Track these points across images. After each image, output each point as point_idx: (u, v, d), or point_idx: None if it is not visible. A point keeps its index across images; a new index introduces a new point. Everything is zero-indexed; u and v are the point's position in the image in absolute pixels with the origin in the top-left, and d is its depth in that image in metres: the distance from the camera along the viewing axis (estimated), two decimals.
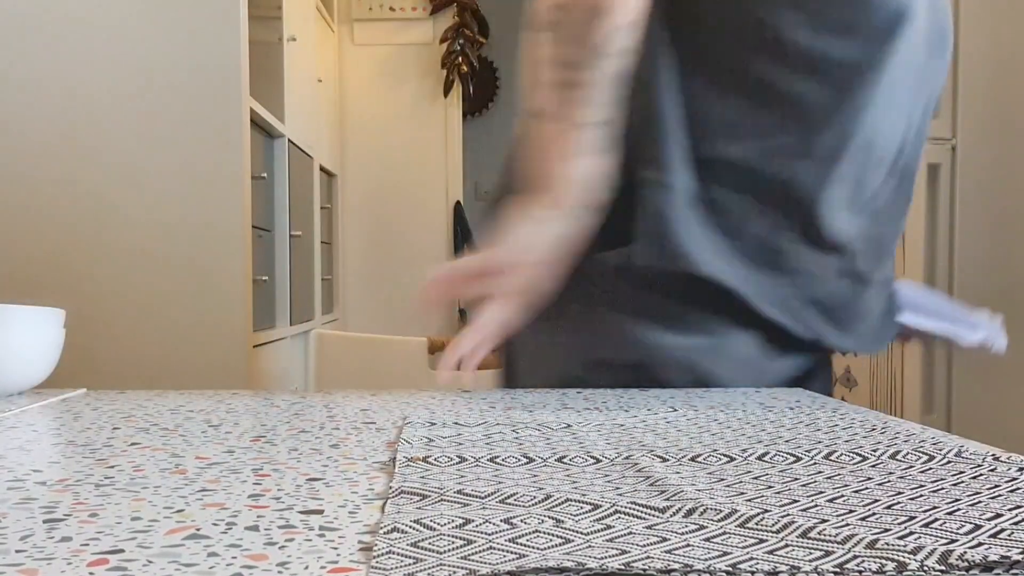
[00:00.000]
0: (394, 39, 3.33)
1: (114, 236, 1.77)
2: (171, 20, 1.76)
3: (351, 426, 0.81)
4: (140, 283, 1.77)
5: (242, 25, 1.78)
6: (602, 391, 1.05)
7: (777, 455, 0.65)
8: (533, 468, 0.61)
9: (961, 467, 0.61)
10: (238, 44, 1.77)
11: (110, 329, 1.77)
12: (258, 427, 0.81)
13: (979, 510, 0.50)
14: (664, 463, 0.63)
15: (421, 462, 0.63)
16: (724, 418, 0.83)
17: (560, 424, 0.79)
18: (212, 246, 1.77)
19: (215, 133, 1.77)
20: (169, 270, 1.77)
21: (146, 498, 0.54)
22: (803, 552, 0.42)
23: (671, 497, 0.52)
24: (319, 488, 0.57)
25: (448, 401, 0.97)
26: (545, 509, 0.50)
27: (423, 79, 3.28)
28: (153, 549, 0.44)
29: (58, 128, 1.77)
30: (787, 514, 0.49)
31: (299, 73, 2.47)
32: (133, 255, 1.77)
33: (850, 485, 0.56)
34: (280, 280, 2.24)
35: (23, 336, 1.02)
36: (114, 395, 1.03)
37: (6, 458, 0.67)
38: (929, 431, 0.76)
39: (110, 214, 1.77)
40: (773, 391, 1.04)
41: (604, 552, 0.42)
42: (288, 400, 0.99)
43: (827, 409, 0.89)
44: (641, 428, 0.78)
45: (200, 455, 0.68)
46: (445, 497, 0.52)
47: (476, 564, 0.40)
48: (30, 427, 0.81)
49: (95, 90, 1.76)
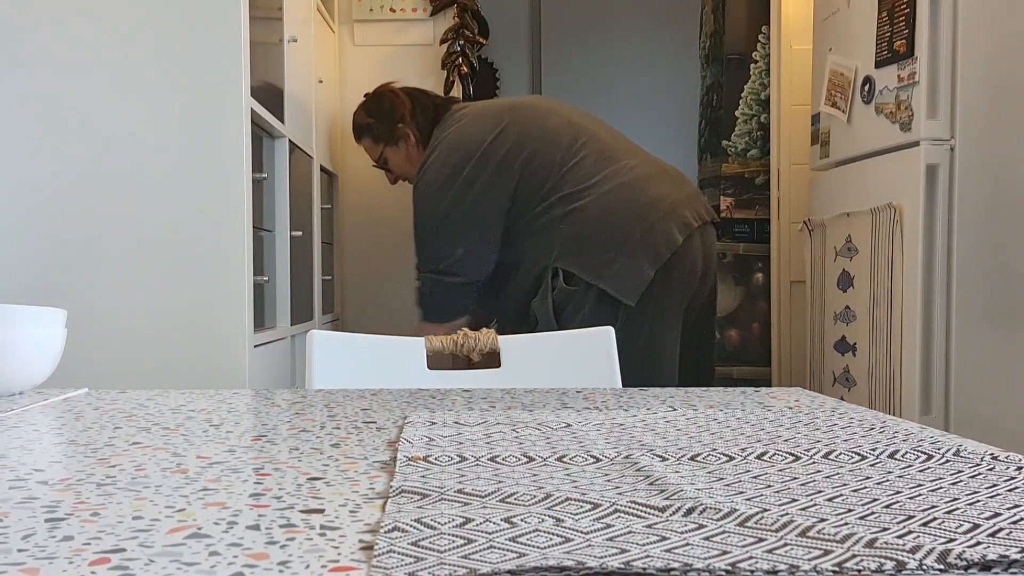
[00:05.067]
0: (394, 40, 3.34)
1: (114, 236, 1.77)
2: (171, 20, 1.77)
3: (352, 425, 0.81)
4: (140, 283, 1.77)
5: (242, 25, 1.78)
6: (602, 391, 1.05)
7: (776, 454, 0.65)
8: (533, 467, 0.61)
9: (959, 466, 0.62)
10: (238, 44, 1.77)
11: (111, 329, 1.77)
12: (259, 426, 0.81)
13: (977, 509, 0.50)
14: (663, 462, 0.63)
15: (422, 461, 0.63)
16: (723, 417, 0.83)
17: (560, 423, 0.79)
18: (212, 246, 1.77)
19: (215, 133, 1.77)
20: (169, 270, 1.77)
21: (147, 497, 0.54)
22: (802, 551, 0.42)
23: (671, 496, 0.53)
24: (320, 487, 0.57)
25: (448, 401, 0.97)
26: (545, 508, 0.50)
27: (423, 80, 3.28)
28: (154, 548, 0.44)
29: (58, 128, 1.77)
30: (786, 513, 0.49)
31: (299, 73, 2.47)
32: (133, 255, 1.77)
33: (849, 484, 0.56)
34: (280, 280, 2.24)
35: (25, 336, 1.02)
36: (115, 395, 1.04)
37: (8, 457, 0.67)
38: (927, 431, 0.76)
39: (110, 214, 1.77)
40: (772, 390, 1.04)
41: (604, 551, 0.42)
42: (289, 400, 0.99)
43: (826, 409, 0.89)
44: (641, 427, 0.78)
45: (201, 454, 0.68)
46: (446, 496, 0.53)
47: (477, 563, 0.40)
48: (32, 426, 0.82)
49: (95, 90, 1.77)
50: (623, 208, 2.15)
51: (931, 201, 2.27)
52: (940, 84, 2.27)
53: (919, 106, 2.27)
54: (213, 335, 1.77)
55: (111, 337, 1.77)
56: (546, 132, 2.27)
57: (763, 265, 3.32)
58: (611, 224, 2.14)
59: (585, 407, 0.91)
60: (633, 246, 2.12)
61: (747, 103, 3.32)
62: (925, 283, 2.28)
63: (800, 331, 3.14)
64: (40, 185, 1.77)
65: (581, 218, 2.16)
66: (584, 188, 2.19)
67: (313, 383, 1.24)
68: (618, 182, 2.19)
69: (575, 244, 2.15)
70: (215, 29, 1.77)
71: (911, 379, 2.29)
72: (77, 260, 1.77)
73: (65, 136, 1.77)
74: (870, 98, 2.50)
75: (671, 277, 2.14)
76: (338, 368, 1.28)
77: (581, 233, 2.16)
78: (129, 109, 1.77)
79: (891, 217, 2.36)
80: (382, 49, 3.33)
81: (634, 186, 2.19)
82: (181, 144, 1.77)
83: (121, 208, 1.77)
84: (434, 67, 3.32)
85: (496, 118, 2.32)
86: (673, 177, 2.27)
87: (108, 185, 1.77)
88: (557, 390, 1.08)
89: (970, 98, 2.26)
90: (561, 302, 2.14)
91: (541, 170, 2.22)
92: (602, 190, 2.17)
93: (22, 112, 1.77)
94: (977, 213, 2.25)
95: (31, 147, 1.77)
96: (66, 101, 1.77)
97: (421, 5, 3.31)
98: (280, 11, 2.23)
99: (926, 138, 2.26)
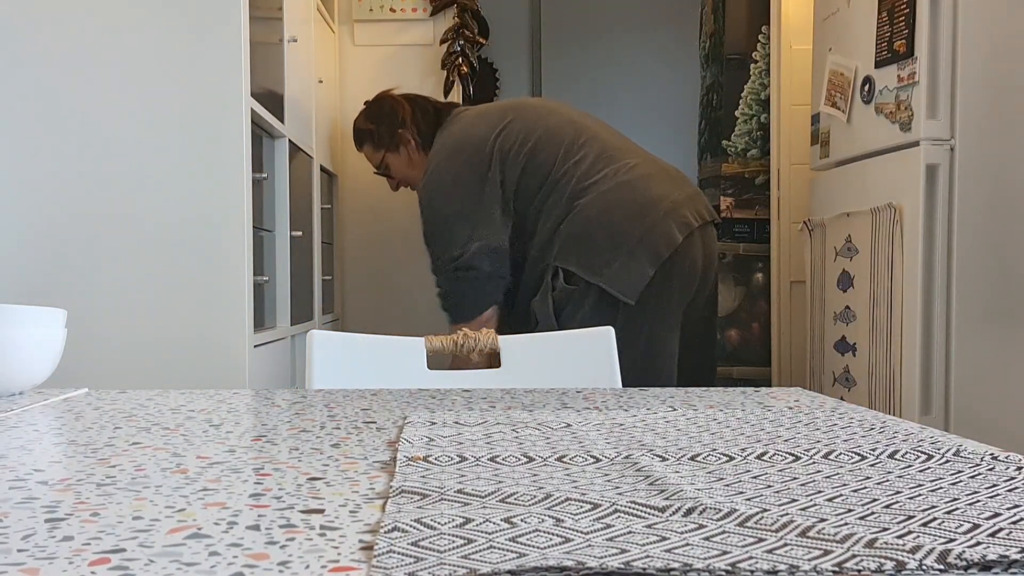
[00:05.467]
0: (394, 40, 3.34)
1: (114, 236, 1.77)
2: (171, 20, 1.77)
3: (352, 425, 0.81)
4: (140, 283, 1.77)
5: (242, 25, 1.78)
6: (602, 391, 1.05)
7: (776, 454, 0.65)
8: (533, 467, 0.61)
9: (959, 466, 0.62)
10: (238, 44, 1.77)
11: (111, 329, 1.77)
12: (259, 426, 0.81)
13: (977, 509, 0.50)
14: (663, 462, 0.63)
15: (422, 461, 0.63)
16: (723, 417, 0.83)
17: (560, 423, 0.79)
18: (212, 246, 1.77)
19: (215, 133, 1.77)
20: (169, 270, 1.77)
21: (147, 497, 0.54)
22: (802, 551, 0.42)
23: (671, 496, 0.53)
24: (320, 487, 0.57)
25: (448, 401, 0.97)
26: (545, 508, 0.50)
27: (423, 80, 3.28)
28: (154, 548, 0.44)
29: (58, 128, 1.77)
30: (786, 513, 0.49)
31: (299, 74, 2.47)
32: (133, 255, 1.77)
33: (849, 484, 0.56)
34: (280, 280, 2.24)
35: (25, 336, 1.02)
36: (115, 395, 1.04)
37: (8, 457, 0.67)
38: (927, 431, 0.76)
39: (110, 214, 1.77)
40: (772, 390, 1.04)
41: (604, 551, 0.42)
42: (289, 400, 0.99)
43: (826, 409, 0.89)
44: (641, 427, 0.78)
45: (201, 454, 0.68)
46: (446, 496, 0.53)
47: (476, 563, 0.40)
48: (32, 427, 0.82)
49: (95, 90, 1.77)
50: (623, 207, 2.15)
51: (931, 201, 2.27)
52: (940, 84, 2.27)
53: (919, 106, 2.27)
54: (213, 335, 1.77)
55: (111, 337, 1.77)
56: (549, 129, 2.28)
57: (763, 265, 3.32)
58: (611, 223, 2.14)
59: (585, 407, 0.91)
60: (633, 245, 2.12)
61: (747, 103, 3.32)
62: (925, 283, 2.28)
63: (800, 331, 3.14)
64: (40, 185, 1.77)
65: (581, 217, 2.16)
66: (585, 187, 2.19)
67: (313, 383, 1.24)
68: (618, 181, 2.19)
69: (575, 243, 2.15)
70: (215, 29, 1.77)
71: (911, 379, 2.29)
72: (77, 260, 1.77)
73: (65, 136, 1.77)
74: (870, 98, 2.50)
75: (671, 276, 2.14)
76: (338, 368, 1.28)
77: (581, 232, 2.15)
78: (129, 109, 1.77)
79: (891, 217, 2.36)
80: (382, 49, 3.33)
81: (634, 185, 2.19)
82: (181, 144, 1.77)
83: (121, 208, 1.77)
84: (434, 67, 3.32)
85: (499, 116, 2.34)
86: (673, 177, 2.27)
87: (108, 185, 1.77)
88: (557, 390, 1.08)
89: (970, 98, 2.26)
90: (561, 301, 2.14)
91: (544, 166, 2.23)
92: (602, 189, 2.18)
93: (22, 112, 1.77)
94: (977, 213, 2.25)
95: (31, 147, 1.77)
96: (66, 101, 1.77)
97: (421, 5, 3.31)
98: (280, 11, 2.23)
99: (926, 138, 2.26)
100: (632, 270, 2.11)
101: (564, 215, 2.18)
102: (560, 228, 2.18)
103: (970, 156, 2.26)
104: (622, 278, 2.10)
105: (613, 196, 2.17)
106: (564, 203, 2.19)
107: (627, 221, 2.14)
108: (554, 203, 2.20)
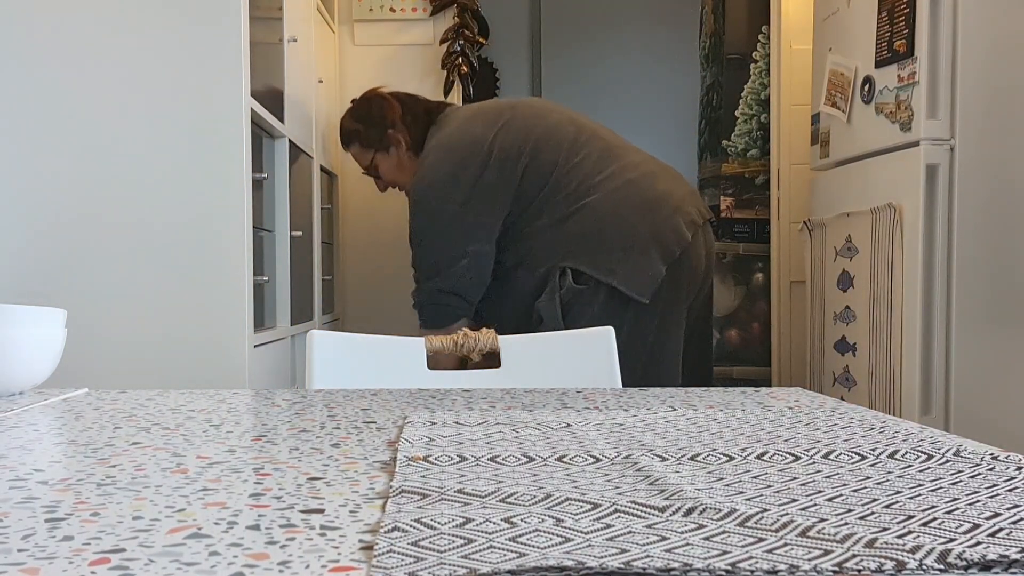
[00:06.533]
0: (394, 40, 3.34)
1: (114, 236, 1.77)
2: (171, 20, 1.77)
3: (351, 425, 0.81)
4: (140, 283, 1.77)
5: (242, 25, 1.78)
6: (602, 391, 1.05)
7: (776, 454, 0.65)
8: (533, 467, 0.61)
9: (959, 466, 0.62)
10: (238, 44, 1.77)
11: (111, 329, 1.77)
12: (259, 426, 0.81)
13: (977, 509, 0.50)
14: (663, 462, 0.63)
15: (422, 461, 0.63)
16: (723, 417, 0.83)
17: (560, 423, 0.79)
18: (212, 246, 1.77)
19: (215, 133, 1.77)
20: (169, 270, 1.77)
21: (147, 497, 0.54)
22: (802, 551, 0.42)
23: (671, 496, 0.53)
24: (320, 487, 0.57)
25: (448, 401, 0.97)
26: (545, 508, 0.50)
27: (423, 80, 3.28)
28: (155, 548, 0.44)
29: (58, 128, 1.77)
30: (786, 513, 0.49)
31: (299, 74, 2.47)
32: (133, 255, 1.77)
33: (849, 484, 0.56)
34: (280, 280, 2.24)
35: (25, 336, 1.02)
36: (115, 395, 1.04)
37: (8, 457, 0.67)
38: (927, 431, 0.76)
39: (110, 214, 1.77)
40: (772, 390, 1.04)
41: (604, 551, 0.42)
42: (289, 400, 0.99)
43: (826, 409, 0.89)
44: (640, 427, 0.78)
45: (201, 454, 0.68)
46: (446, 496, 0.53)
47: (477, 563, 0.40)
48: (32, 427, 0.82)
49: (95, 90, 1.77)
50: (633, 205, 2.14)
51: (931, 201, 2.27)
52: (940, 84, 2.27)
53: (919, 106, 2.27)
54: (213, 335, 1.77)
55: (111, 337, 1.77)
56: (549, 128, 2.24)
57: (763, 265, 3.33)
58: (621, 221, 2.12)
59: (585, 407, 0.91)
60: (644, 243, 2.10)
61: (747, 103, 3.32)
62: (925, 283, 2.28)
63: (800, 331, 3.14)
64: (40, 185, 1.77)
65: (590, 216, 2.14)
66: (593, 184, 2.16)
67: (313, 383, 1.24)
68: (626, 179, 2.17)
69: (584, 242, 2.13)
70: (215, 29, 1.77)
71: (911, 379, 2.29)
72: (77, 260, 1.77)
73: (65, 136, 1.77)
74: (870, 98, 2.50)
75: (679, 274, 2.13)
76: (338, 368, 1.28)
77: (590, 231, 2.13)
78: (129, 109, 1.77)
79: (891, 217, 2.36)
80: (382, 49, 3.33)
81: (642, 183, 2.17)
82: (181, 144, 1.77)
83: (121, 208, 1.77)
84: (434, 67, 3.32)
85: (496, 115, 2.27)
86: (674, 175, 2.27)
87: (108, 185, 1.77)
88: (557, 390, 1.08)
89: (970, 98, 2.26)
90: (569, 301, 2.12)
91: (545, 166, 2.19)
92: (610, 187, 2.15)
93: (22, 112, 1.77)
94: (977, 213, 2.25)
95: (31, 147, 1.77)
96: (66, 101, 1.77)
97: (421, 5, 3.31)
98: (280, 11, 2.23)
99: (926, 138, 2.26)
100: (644, 268, 2.09)
101: (569, 214, 2.16)
102: (566, 227, 2.16)
103: (970, 156, 2.26)
104: (635, 277, 2.08)
105: (622, 194, 2.15)
106: (568, 201, 2.16)
107: (637, 219, 2.12)
108: (556, 202, 2.17)
